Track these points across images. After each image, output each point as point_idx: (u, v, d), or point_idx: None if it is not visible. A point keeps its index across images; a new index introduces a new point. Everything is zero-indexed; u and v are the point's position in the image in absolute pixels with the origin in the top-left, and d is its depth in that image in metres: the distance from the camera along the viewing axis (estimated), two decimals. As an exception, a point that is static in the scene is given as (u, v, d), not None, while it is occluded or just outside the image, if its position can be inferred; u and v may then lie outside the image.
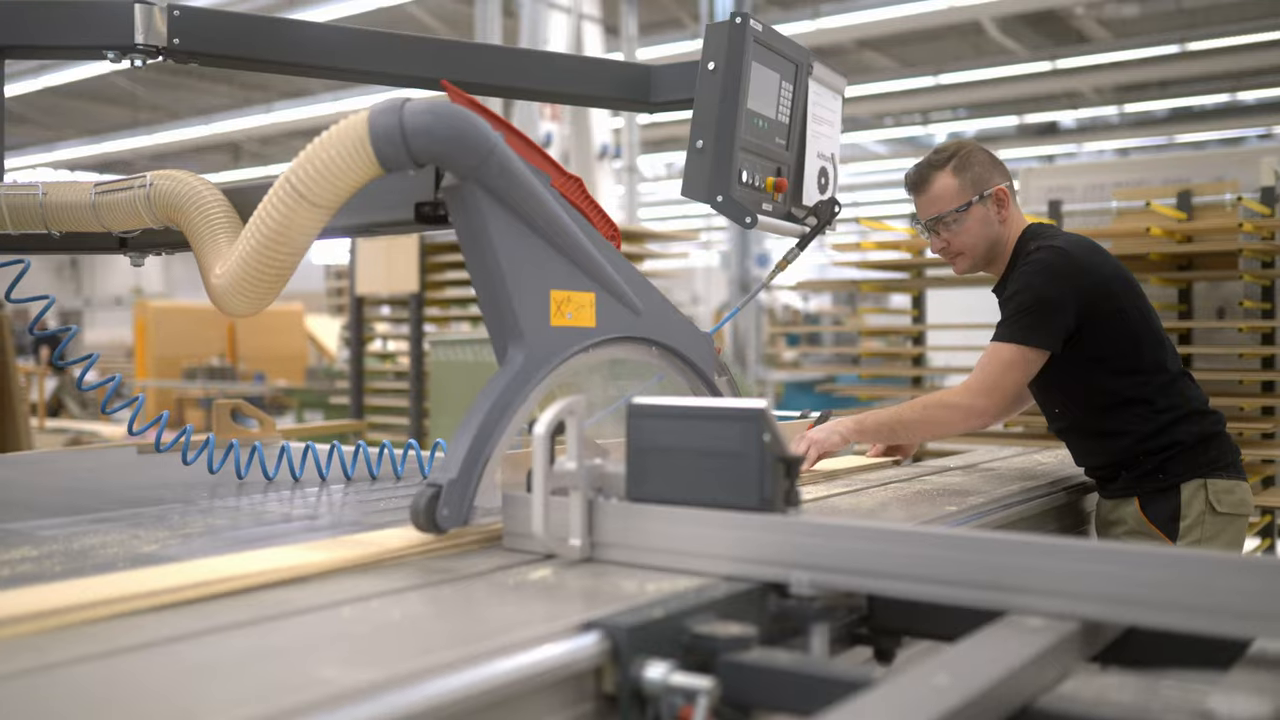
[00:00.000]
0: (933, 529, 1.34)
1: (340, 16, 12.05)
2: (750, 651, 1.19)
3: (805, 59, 2.63)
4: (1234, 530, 2.42)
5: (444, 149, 1.57)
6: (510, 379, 1.67)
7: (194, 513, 1.99)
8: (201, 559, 1.45)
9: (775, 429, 1.41)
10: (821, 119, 2.75)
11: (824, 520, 1.38)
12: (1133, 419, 2.44)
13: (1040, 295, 2.43)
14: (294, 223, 1.61)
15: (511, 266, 1.67)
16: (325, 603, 1.27)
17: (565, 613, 1.20)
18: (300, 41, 2.25)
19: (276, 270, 1.67)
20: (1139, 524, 2.44)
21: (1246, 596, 1.11)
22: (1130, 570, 1.17)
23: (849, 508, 2.04)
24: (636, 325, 1.90)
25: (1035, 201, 5.16)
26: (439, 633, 1.19)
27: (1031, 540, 1.26)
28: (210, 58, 2.21)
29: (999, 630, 1.17)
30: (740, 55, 2.37)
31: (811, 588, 1.34)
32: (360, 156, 1.56)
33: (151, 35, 2.13)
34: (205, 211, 1.87)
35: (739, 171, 2.41)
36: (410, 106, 1.56)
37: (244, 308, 1.73)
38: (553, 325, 1.73)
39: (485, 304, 1.70)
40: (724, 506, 1.42)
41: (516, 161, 1.65)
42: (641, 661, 1.15)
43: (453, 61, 2.51)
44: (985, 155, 2.64)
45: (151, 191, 1.90)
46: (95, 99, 17.45)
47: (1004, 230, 2.61)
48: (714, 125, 2.38)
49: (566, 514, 1.50)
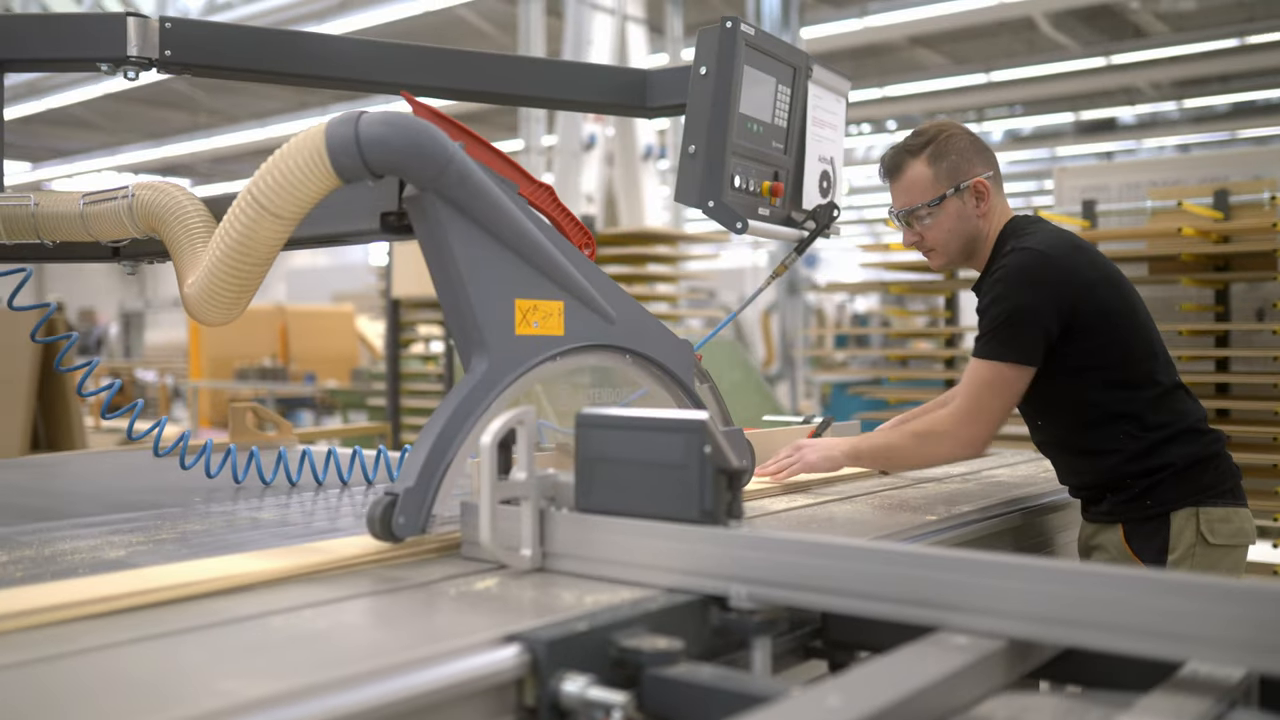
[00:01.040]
0: (865, 543, 1.31)
1: (388, 21, 12.17)
2: (676, 666, 1.18)
3: (804, 62, 2.61)
4: (1230, 562, 2.20)
5: (400, 160, 1.58)
6: (472, 387, 1.67)
7: (176, 518, 2.02)
8: (157, 566, 1.47)
9: (718, 441, 1.39)
10: (823, 122, 2.72)
11: (762, 534, 1.37)
12: (1119, 437, 2.23)
13: (1014, 306, 2.22)
14: (257, 234, 1.63)
15: (473, 275, 1.67)
16: (257, 612, 1.28)
17: (494, 624, 1.20)
18: (292, 52, 2.28)
19: (242, 281, 1.69)
20: (1120, 553, 2.24)
21: (1177, 618, 1.07)
22: (1060, 588, 1.14)
23: (825, 518, 2.02)
24: (609, 333, 1.89)
25: (1069, 201, 5.07)
26: (361, 644, 1.20)
27: (962, 556, 1.22)
28: (202, 69, 2.24)
29: (917, 649, 1.14)
30: (731, 60, 2.35)
31: (750, 601, 1.33)
32: (318, 168, 1.58)
33: (144, 48, 2.16)
34: (184, 221, 1.90)
35: (731, 176, 2.40)
36: (366, 118, 1.57)
37: (215, 317, 1.75)
38: (517, 334, 1.73)
39: (448, 313, 1.71)
40: (667, 518, 1.42)
41: (476, 171, 1.65)
42: (562, 675, 1.15)
43: (449, 70, 2.52)
44: (966, 141, 2.41)
45: (134, 202, 1.93)
46: (156, 103, 17.80)
47: (983, 224, 2.39)
48: (705, 130, 2.37)
49: (519, 523, 1.50)
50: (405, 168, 1.59)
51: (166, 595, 1.32)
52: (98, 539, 1.77)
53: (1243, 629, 1.04)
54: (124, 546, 1.70)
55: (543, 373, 1.78)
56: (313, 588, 1.41)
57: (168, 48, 2.18)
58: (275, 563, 1.47)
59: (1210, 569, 2.16)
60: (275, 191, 1.59)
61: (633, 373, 1.98)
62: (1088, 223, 4.79)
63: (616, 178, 10.51)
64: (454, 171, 1.62)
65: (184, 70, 2.24)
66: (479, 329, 1.69)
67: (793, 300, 11.48)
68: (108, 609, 1.26)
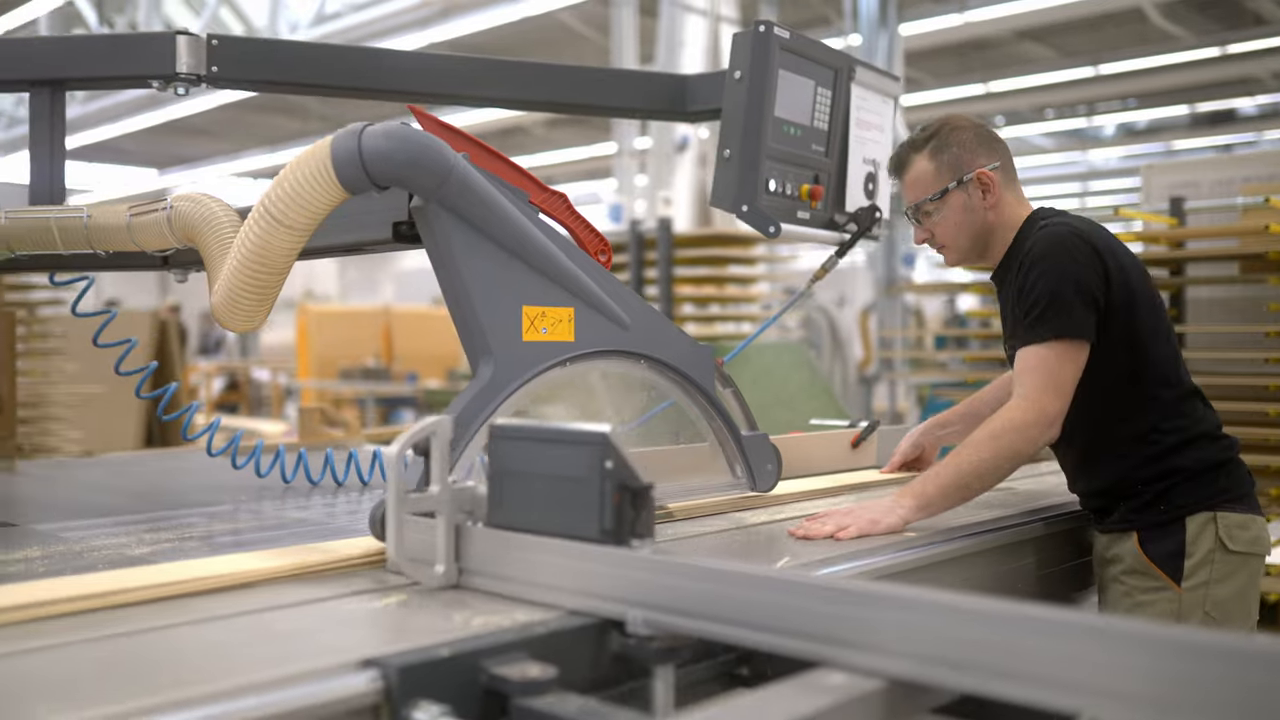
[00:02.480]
0: (747, 568, 1.21)
1: (490, 27, 12.35)
2: (544, 696, 1.13)
3: (846, 64, 2.59)
4: (1249, 572, 2.08)
5: (401, 171, 1.62)
6: (476, 393, 1.71)
7: (219, 517, 2.11)
8: (161, 564, 1.53)
9: (621, 456, 1.32)
10: (868, 124, 2.69)
11: (658, 557, 1.28)
12: (1132, 441, 2.12)
13: (1055, 281, 2.06)
14: (271, 245, 1.69)
15: (477, 283, 1.71)
16: (160, 625, 1.27)
17: (365, 646, 1.16)
18: (335, 67, 2.35)
19: (260, 289, 1.75)
20: (1137, 562, 2.11)
21: (1071, 665, 0.97)
22: (945, 626, 1.05)
23: (781, 535, 1.93)
24: (623, 339, 1.91)
25: (1156, 199, 4.90)
26: (229, 661, 1.17)
27: (848, 588, 1.14)
28: (249, 83, 2.33)
29: (780, 688, 1.06)
30: (765, 64, 2.35)
31: (647, 626, 1.25)
32: (325, 180, 1.63)
33: (193, 65, 2.26)
34: (218, 232, 1.97)
35: (766, 180, 2.39)
36: (369, 131, 1.62)
37: (238, 324, 1.82)
38: (525, 340, 1.76)
39: (456, 320, 1.75)
40: (571, 536, 1.35)
41: (479, 181, 1.69)
42: (415, 703, 1.10)
43: (494, 80, 2.58)
44: (969, 134, 2.29)
45: (172, 214, 2.01)
46: (269, 110, 18.37)
47: (993, 218, 2.26)
48: (740, 134, 2.37)
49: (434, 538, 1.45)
50: (407, 179, 1.64)
51: (140, 596, 1.37)
52: (129, 537, 1.86)
53: (1144, 682, 0.93)
54: (151, 544, 1.79)
55: (551, 378, 1.81)
56: (245, 596, 1.41)
57: (215, 64, 2.27)
58: (274, 562, 1.52)
59: (1229, 576, 2.06)
60: (286, 203, 1.65)
61: (649, 378, 1.99)
62: (1175, 221, 4.62)
63: (709, 179, 10.50)
64: (455, 182, 1.66)
65: (231, 85, 2.33)
66: (484, 335, 1.72)
67: (890, 300, 11.31)
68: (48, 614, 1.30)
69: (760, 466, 2.16)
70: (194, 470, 3.10)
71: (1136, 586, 2.11)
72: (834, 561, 1.72)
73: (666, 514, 2.04)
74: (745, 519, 2.07)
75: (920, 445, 2.65)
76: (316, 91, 2.38)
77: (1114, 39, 14.08)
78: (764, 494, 2.19)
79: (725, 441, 2.13)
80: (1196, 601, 2.06)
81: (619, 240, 6.67)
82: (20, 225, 2.12)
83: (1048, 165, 20.33)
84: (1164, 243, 4.62)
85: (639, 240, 6.61)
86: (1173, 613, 2.06)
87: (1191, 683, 0.90)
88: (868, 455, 2.79)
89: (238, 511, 2.22)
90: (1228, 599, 2.06)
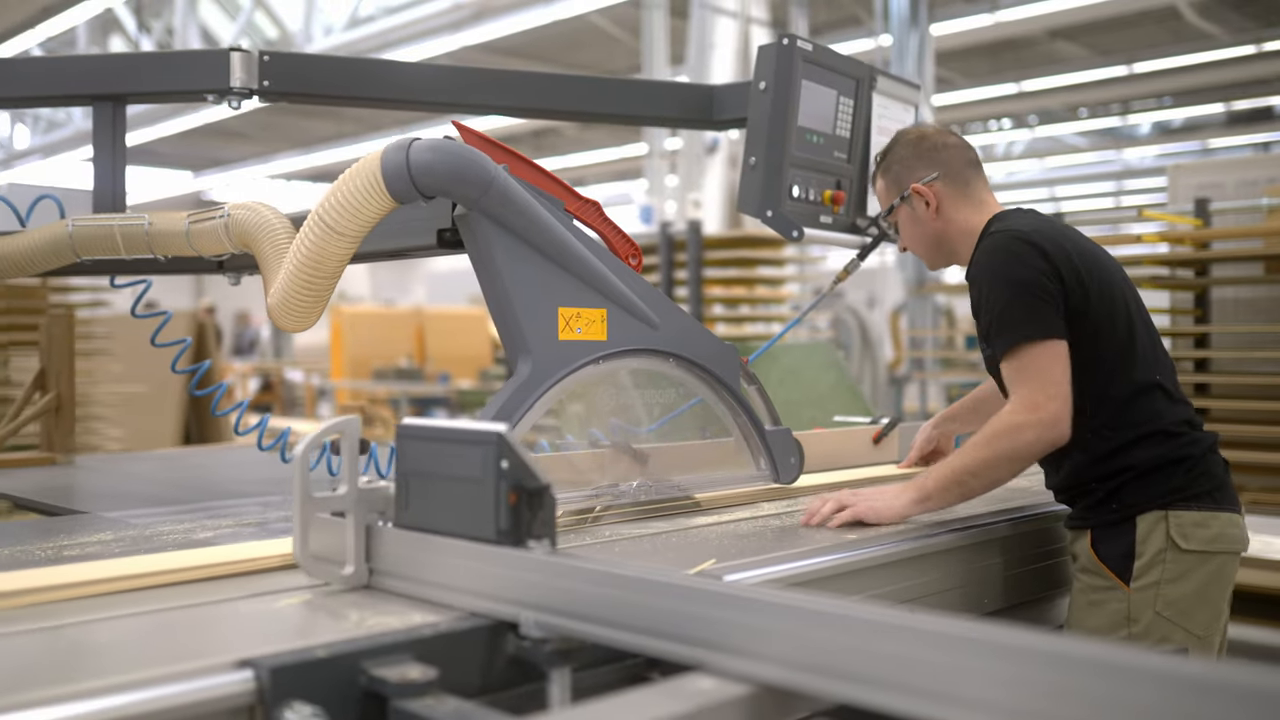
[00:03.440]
0: (631, 570, 1.19)
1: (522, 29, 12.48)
2: (422, 698, 1.13)
3: (867, 74, 2.69)
4: (1208, 571, 2.04)
5: (446, 183, 1.74)
6: (515, 389, 1.82)
7: (274, 506, 2.24)
8: (214, 547, 1.66)
9: (518, 455, 1.30)
10: (889, 130, 2.78)
11: (548, 558, 1.26)
12: (1085, 436, 2.07)
13: (1009, 285, 2.07)
14: (325, 251, 1.81)
15: (517, 286, 1.83)
16: (101, 616, 1.33)
17: (249, 646, 1.17)
18: (376, 79, 2.48)
19: (315, 292, 1.88)
20: (1089, 561, 2.09)
21: (942, 675, 0.94)
22: (815, 633, 1.02)
23: (714, 538, 1.88)
24: (652, 338, 2.02)
25: (1181, 200, 4.95)
26: (122, 656, 1.22)
27: (721, 592, 1.12)
28: (297, 96, 2.46)
29: (643, 693, 1.04)
30: (789, 75, 2.46)
31: (539, 629, 1.24)
32: (375, 191, 1.75)
33: (246, 79, 2.39)
34: (273, 238, 2.09)
35: (789, 187, 2.50)
36: (416, 145, 1.74)
37: (293, 325, 1.94)
38: (560, 339, 1.88)
39: (496, 321, 1.87)
40: (470, 537, 1.33)
41: (518, 191, 1.81)
42: (288, 704, 1.10)
43: (528, 91, 2.69)
44: (908, 149, 2.30)
45: (229, 221, 2.14)
46: (303, 114, 18.61)
47: (944, 226, 2.26)
48: (764, 143, 2.48)
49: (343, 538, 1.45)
50: (451, 190, 1.76)
51: (173, 578, 1.49)
52: (194, 523, 1.99)
53: (1017, 693, 0.89)
54: (213, 529, 1.91)
55: (584, 376, 1.92)
56: (164, 594, 1.45)
57: (266, 78, 2.40)
58: (151, 567, 1.53)
59: (1182, 576, 2.02)
60: (339, 212, 1.77)
61: (677, 375, 2.10)
62: (1200, 221, 4.67)
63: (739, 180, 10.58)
64: (496, 192, 1.77)
65: (281, 98, 2.46)
66: (523, 335, 1.84)
67: (920, 301, 11.34)
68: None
69: (783, 460, 2.26)
70: (239, 464, 3.24)
71: (1090, 585, 2.10)
72: (768, 564, 1.68)
73: (694, 504, 2.15)
74: (764, 509, 2.17)
75: (933, 439, 2.73)
76: (360, 103, 2.51)
77: (1148, 37, 14.03)
78: (787, 486, 2.29)
79: (750, 436, 2.23)
80: (1147, 601, 2.03)
81: (650, 242, 6.78)
82: (86, 232, 2.25)
83: (1082, 164, 20.26)
84: (1189, 243, 4.67)
85: (669, 242, 6.71)
86: (1123, 613, 2.04)
87: (1064, 694, 0.87)
88: (889, 451, 2.88)
89: (287, 501, 2.35)
90: (1183, 598, 2.03)
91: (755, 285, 7.26)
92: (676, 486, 2.16)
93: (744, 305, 7.36)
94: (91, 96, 2.40)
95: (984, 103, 16.25)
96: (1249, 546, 2.14)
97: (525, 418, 1.83)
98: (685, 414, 2.21)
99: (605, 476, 2.07)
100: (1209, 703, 0.81)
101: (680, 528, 1.96)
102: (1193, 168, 5.26)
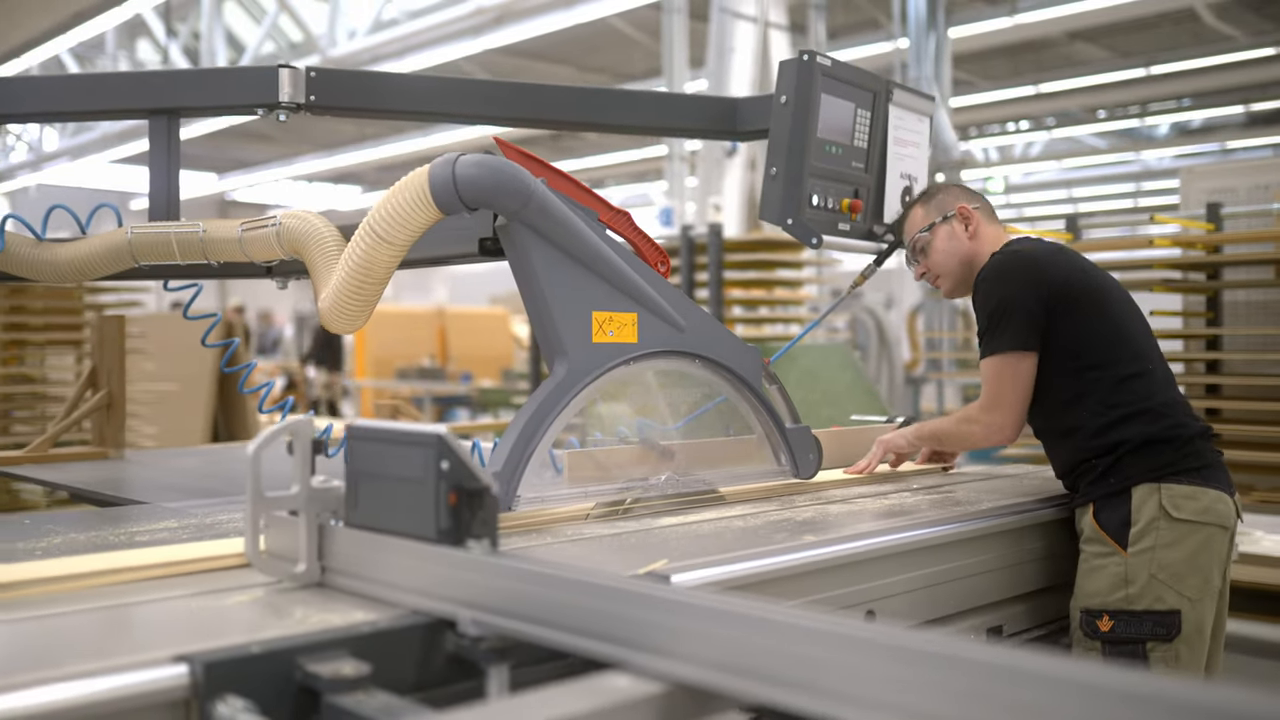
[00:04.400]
0: (555, 570, 1.21)
1: (543, 33, 12.61)
2: (353, 694, 1.15)
3: (883, 87, 2.81)
4: (1198, 540, 2.27)
5: (489, 195, 1.87)
6: (553, 388, 1.95)
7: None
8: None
9: (458, 455, 1.33)
10: (905, 141, 2.91)
11: (484, 558, 1.29)
12: (1082, 416, 2.38)
13: (996, 302, 2.44)
14: (375, 259, 1.95)
15: (554, 291, 1.96)
16: (85, 608, 1.38)
17: (188, 641, 1.20)
18: (412, 94, 2.62)
19: (365, 297, 2.01)
20: (1093, 531, 2.34)
21: (858, 678, 0.94)
22: (730, 633, 1.04)
23: (691, 535, 1.92)
24: (679, 340, 2.15)
25: (1194, 204, 5.04)
26: (71, 646, 1.24)
27: (640, 592, 1.14)
28: (341, 110, 2.59)
29: (557, 690, 1.05)
30: (809, 89, 2.58)
31: (476, 627, 1.26)
32: (423, 203, 1.88)
33: (293, 94, 2.53)
34: (322, 245, 2.23)
35: (809, 196, 2.62)
36: (462, 160, 1.86)
37: (344, 327, 2.08)
38: (594, 342, 2.01)
39: (535, 324, 2.00)
40: (413, 536, 1.37)
41: (556, 202, 1.93)
42: (221, 697, 1.13)
43: (557, 104, 2.82)
44: (956, 189, 2.73)
45: (280, 229, 2.28)
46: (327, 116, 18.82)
47: (976, 246, 2.63)
48: (785, 154, 2.60)
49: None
50: (493, 202, 1.89)
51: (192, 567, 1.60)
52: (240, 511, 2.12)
53: (935, 698, 0.89)
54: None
55: (617, 375, 2.05)
56: (117, 591, 1.49)
57: (312, 93, 2.54)
58: (107, 564, 1.58)
59: (1175, 543, 2.25)
60: (389, 223, 1.91)
61: (703, 376, 2.22)
62: (1212, 226, 4.76)
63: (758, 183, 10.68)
64: (535, 204, 1.90)
65: (326, 112, 2.59)
66: (559, 337, 1.97)
67: (937, 302, 11.42)
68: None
69: (803, 456, 2.39)
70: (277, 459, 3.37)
71: (1092, 553, 2.33)
72: (719, 564, 1.70)
73: (718, 497, 2.27)
74: (793, 502, 2.29)
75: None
76: (400, 116, 2.64)
77: (1167, 39, 14.08)
78: (806, 481, 2.42)
79: (771, 433, 2.36)
80: (1143, 564, 2.25)
81: (671, 245, 6.89)
82: (145, 239, 2.39)
83: (1100, 166, 20.27)
84: (1200, 247, 4.75)
85: (690, 245, 6.82)
86: (1121, 575, 2.26)
87: (973, 697, 0.87)
88: (905, 449, 2.99)
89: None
90: (1177, 563, 2.25)
91: (774, 287, 7.37)
92: (702, 480, 2.29)
93: (763, 307, 7.47)
94: (149, 111, 2.54)
95: (1002, 104, 16.31)
96: (1241, 528, 2.39)
97: (561, 415, 1.95)
98: (710, 412, 2.33)
99: (636, 471, 2.20)
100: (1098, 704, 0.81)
101: (646, 527, 1.99)
102: (1205, 171, 5.34)
